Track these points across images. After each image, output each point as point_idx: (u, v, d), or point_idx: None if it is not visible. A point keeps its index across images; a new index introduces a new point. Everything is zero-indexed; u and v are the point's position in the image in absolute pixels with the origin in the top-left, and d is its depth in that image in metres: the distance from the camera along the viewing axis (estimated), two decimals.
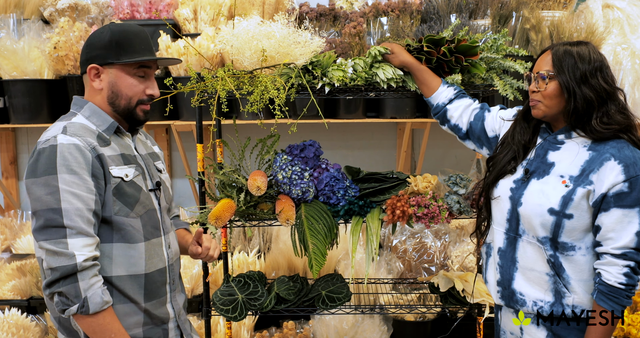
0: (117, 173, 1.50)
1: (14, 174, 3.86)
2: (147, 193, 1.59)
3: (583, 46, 1.61)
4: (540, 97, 1.64)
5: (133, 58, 1.55)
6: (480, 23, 3.14)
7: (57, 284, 1.38)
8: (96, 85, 1.56)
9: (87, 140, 1.46)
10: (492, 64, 2.13)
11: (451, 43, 2.03)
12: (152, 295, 1.58)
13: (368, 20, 3.15)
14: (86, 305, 1.38)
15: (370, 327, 2.95)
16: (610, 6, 3.26)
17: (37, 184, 1.40)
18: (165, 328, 1.63)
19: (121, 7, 3.41)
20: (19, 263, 3.19)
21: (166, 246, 1.66)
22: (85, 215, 1.40)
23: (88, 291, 1.38)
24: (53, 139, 1.43)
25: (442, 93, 1.97)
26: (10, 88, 3.26)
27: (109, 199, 1.48)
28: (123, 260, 1.52)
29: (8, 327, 2.80)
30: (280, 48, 2.08)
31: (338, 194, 2.27)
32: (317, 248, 2.18)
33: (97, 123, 1.55)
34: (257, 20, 2.15)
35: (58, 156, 1.40)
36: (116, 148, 1.55)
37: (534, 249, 1.64)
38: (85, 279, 1.38)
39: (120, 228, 1.51)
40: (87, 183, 1.42)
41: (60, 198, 1.38)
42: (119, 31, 1.55)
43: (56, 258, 1.37)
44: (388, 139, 3.80)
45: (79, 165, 1.42)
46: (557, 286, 1.61)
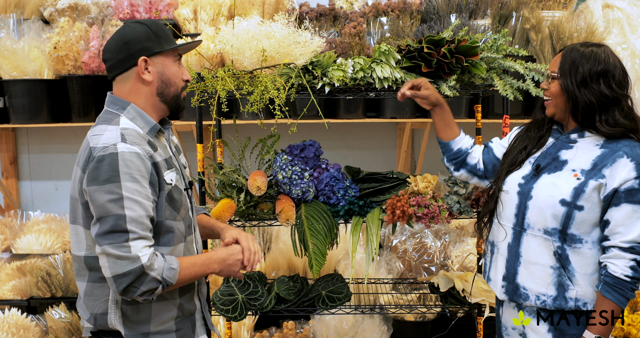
0: (168, 180, 1.55)
1: (14, 174, 3.86)
2: (184, 194, 1.64)
3: (596, 49, 1.64)
4: (549, 95, 1.71)
5: (173, 45, 1.59)
6: (480, 23, 3.14)
7: (134, 288, 1.43)
8: (147, 77, 1.56)
9: (145, 148, 1.50)
10: (492, 64, 2.13)
11: (451, 44, 2.03)
12: (184, 290, 1.64)
13: (368, 20, 3.15)
14: (169, 282, 1.48)
15: (370, 327, 2.95)
16: (610, 6, 3.26)
17: (101, 191, 1.43)
18: (192, 319, 1.69)
19: (121, 7, 3.41)
20: (19, 263, 3.19)
21: (195, 242, 1.72)
22: (146, 222, 1.46)
23: (162, 274, 1.46)
24: (113, 147, 1.45)
25: (464, 139, 1.95)
26: (10, 88, 3.26)
27: (162, 204, 1.53)
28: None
29: (8, 327, 2.80)
30: (280, 48, 2.08)
31: (338, 194, 2.27)
32: (317, 248, 2.18)
33: (141, 125, 1.57)
34: (257, 20, 2.15)
35: (120, 164, 1.44)
36: (161, 153, 1.57)
37: (539, 242, 1.66)
38: (153, 269, 1.45)
39: (168, 231, 1.56)
40: (147, 190, 1.47)
41: (124, 205, 1.42)
42: (150, 23, 1.58)
43: (121, 262, 1.42)
44: (388, 139, 3.80)
45: (140, 173, 1.46)
46: (561, 279, 1.63)
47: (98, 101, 3.27)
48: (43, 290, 3.00)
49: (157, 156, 1.54)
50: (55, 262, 3.06)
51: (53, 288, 3.00)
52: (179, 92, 1.63)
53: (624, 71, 1.64)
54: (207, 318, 1.76)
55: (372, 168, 2.60)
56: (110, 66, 1.58)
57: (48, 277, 3.00)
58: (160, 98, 1.60)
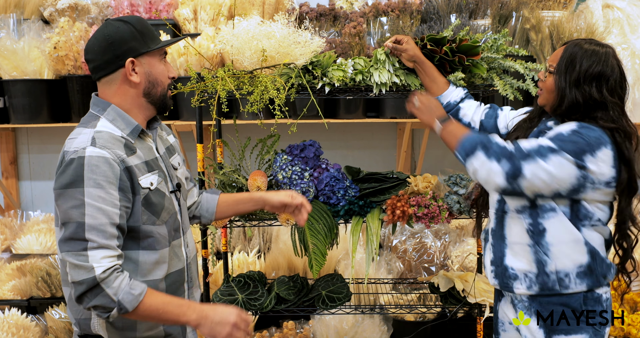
0: (145, 184, 1.49)
1: (14, 174, 3.86)
2: (169, 197, 1.58)
3: (599, 48, 1.63)
4: (542, 86, 1.74)
5: (158, 43, 1.55)
6: (480, 23, 3.14)
7: (87, 299, 1.39)
8: (134, 79, 1.51)
9: (116, 152, 1.44)
10: (492, 64, 2.13)
11: (452, 43, 2.03)
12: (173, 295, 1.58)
13: (368, 20, 3.15)
14: (123, 307, 1.40)
15: (370, 327, 2.95)
16: (610, 6, 3.26)
17: (64, 196, 1.40)
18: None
19: (121, 7, 3.41)
20: (19, 263, 3.19)
21: (185, 246, 1.66)
22: (108, 230, 1.41)
23: (118, 295, 1.39)
24: (82, 151, 1.42)
25: (453, 92, 1.99)
26: (10, 88, 3.26)
27: (138, 209, 1.48)
28: (148, 265, 1.53)
29: (8, 327, 2.80)
30: (280, 48, 2.08)
31: (338, 194, 2.27)
32: (317, 248, 2.18)
33: (122, 127, 1.52)
34: (257, 20, 2.15)
35: (86, 168, 1.40)
36: (141, 155, 1.52)
37: (516, 222, 1.71)
38: (110, 285, 1.39)
39: (147, 236, 1.52)
40: (113, 197, 1.42)
41: (85, 212, 1.38)
42: (135, 22, 1.51)
43: (77, 271, 1.38)
44: (388, 139, 3.79)
45: (107, 179, 1.41)
46: (539, 256, 1.66)
47: None
48: (43, 290, 3.00)
49: (134, 159, 1.49)
50: (55, 262, 3.06)
51: (53, 288, 3.00)
52: (165, 91, 1.59)
53: (622, 77, 1.63)
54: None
55: (372, 168, 2.60)
56: (94, 67, 1.52)
57: (48, 277, 2.99)
58: (147, 99, 1.56)
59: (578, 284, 1.64)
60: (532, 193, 1.60)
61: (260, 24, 2.13)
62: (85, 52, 1.53)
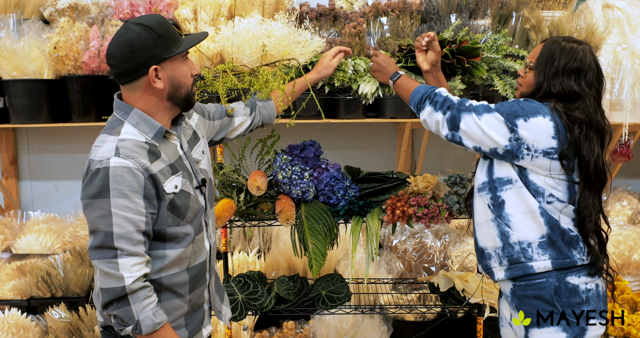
0: (170, 189, 1.53)
1: (14, 175, 3.86)
2: (194, 195, 1.61)
3: (576, 46, 1.70)
4: (521, 81, 1.80)
5: (181, 46, 1.54)
6: (480, 23, 3.14)
7: (112, 306, 1.45)
8: (158, 85, 1.51)
9: (139, 161, 1.47)
10: (492, 64, 2.13)
11: (452, 44, 2.03)
12: (195, 286, 1.65)
13: (368, 20, 3.15)
14: (139, 328, 1.46)
15: (370, 327, 2.95)
16: (610, 6, 3.26)
17: (91, 206, 1.44)
18: (202, 311, 1.71)
19: (121, 7, 3.41)
20: (19, 263, 3.19)
21: (207, 237, 1.71)
22: (135, 237, 1.45)
23: (140, 314, 1.45)
24: (106, 161, 1.44)
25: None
26: (10, 88, 3.26)
27: (163, 214, 1.52)
28: (174, 262, 1.57)
29: (8, 327, 2.80)
30: (281, 47, 2.08)
31: (338, 194, 2.27)
32: (317, 248, 2.18)
33: (145, 131, 1.53)
34: (258, 19, 2.14)
35: (111, 179, 1.43)
36: (165, 159, 1.54)
37: (479, 203, 1.80)
38: (137, 302, 1.45)
39: (173, 237, 1.56)
40: (138, 205, 1.46)
41: (112, 221, 1.42)
42: (156, 26, 1.49)
43: (107, 279, 1.44)
44: (388, 139, 3.80)
45: (131, 188, 1.44)
46: (501, 229, 1.72)
47: (98, 101, 3.27)
48: (43, 290, 3.00)
49: (158, 164, 1.51)
50: (55, 262, 3.06)
51: (53, 288, 3.00)
52: (189, 91, 1.59)
53: (599, 73, 1.70)
54: (214, 306, 1.78)
55: (372, 168, 2.60)
56: (117, 74, 1.53)
57: (48, 277, 3.00)
58: (171, 101, 1.57)
59: (541, 255, 1.68)
60: (473, 146, 1.71)
61: (260, 22, 2.13)
62: (107, 57, 1.52)
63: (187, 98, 1.59)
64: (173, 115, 1.62)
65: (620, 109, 3.03)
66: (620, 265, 2.99)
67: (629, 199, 3.43)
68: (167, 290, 1.57)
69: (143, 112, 1.54)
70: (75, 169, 3.88)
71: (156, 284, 1.55)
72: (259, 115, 1.99)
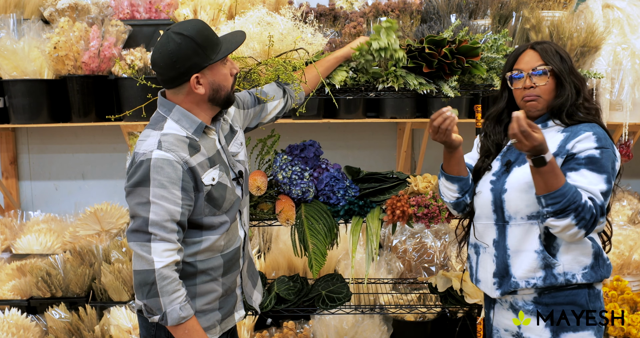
0: (208, 181, 1.63)
1: (14, 174, 3.86)
2: (231, 187, 1.71)
3: (553, 44, 1.73)
4: (538, 92, 1.70)
5: (220, 52, 1.61)
6: (480, 23, 3.14)
7: (142, 294, 1.54)
8: (200, 91, 1.61)
9: (179, 155, 1.57)
10: (492, 64, 2.13)
11: (452, 44, 2.03)
12: (229, 271, 1.75)
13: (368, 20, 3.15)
14: (165, 319, 1.55)
15: (370, 327, 2.95)
16: (610, 6, 3.26)
17: (133, 193, 1.56)
18: (234, 295, 1.81)
19: (121, 7, 3.41)
20: (19, 263, 3.19)
21: (242, 224, 1.81)
22: (169, 226, 1.55)
23: (168, 307, 1.54)
24: (149, 154, 1.56)
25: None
26: (10, 88, 3.26)
27: (201, 204, 1.63)
28: (209, 249, 1.68)
29: (8, 327, 2.80)
30: (284, 41, 2.07)
31: (338, 194, 2.27)
32: (317, 248, 2.18)
33: (187, 126, 1.63)
34: (263, 11, 2.13)
35: (152, 170, 1.54)
36: (204, 152, 1.64)
37: (524, 230, 1.69)
38: (166, 295, 1.53)
39: (210, 226, 1.67)
40: (175, 196, 1.56)
41: (149, 209, 1.53)
42: (195, 34, 1.57)
43: (139, 261, 1.54)
44: (388, 139, 3.79)
45: (170, 180, 1.55)
46: (547, 261, 1.66)
47: (98, 101, 3.27)
48: (43, 290, 3.00)
49: (198, 157, 1.61)
50: (55, 262, 3.06)
51: (53, 288, 3.00)
52: (229, 91, 1.68)
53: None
54: (245, 291, 1.86)
55: (372, 168, 2.60)
56: (162, 80, 1.64)
57: (48, 277, 2.99)
58: (212, 103, 1.66)
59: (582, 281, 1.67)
60: None
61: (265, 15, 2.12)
62: (152, 64, 1.63)
63: (228, 98, 1.69)
64: (213, 113, 1.71)
65: (620, 109, 3.03)
66: (620, 265, 2.99)
67: (629, 199, 3.43)
68: (202, 273, 1.67)
69: (185, 110, 1.64)
70: (75, 169, 3.88)
71: (192, 267, 1.65)
72: (290, 98, 2.04)
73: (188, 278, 1.65)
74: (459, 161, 1.81)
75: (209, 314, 1.71)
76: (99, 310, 2.93)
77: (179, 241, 1.58)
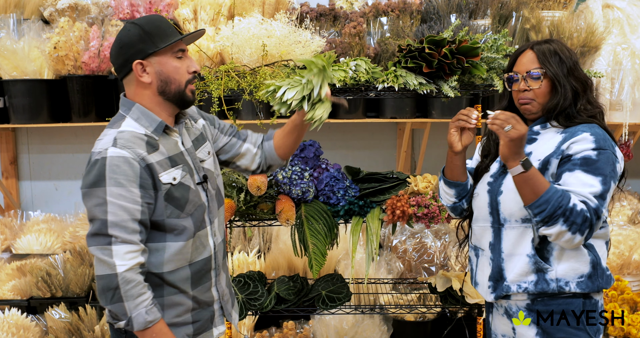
0: (166, 180, 1.56)
1: (14, 174, 3.86)
2: (195, 189, 1.64)
3: (556, 43, 1.68)
4: (533, 96, 1.68)
5: (169, 41, 1.57)
6: (480, 23, 3.14)
7: (105, 299, 1.48)
8: (145, 79, 1.57)
9: (136, 151, 1.51)
10: (492, 64, 2.13)
11: (452, 44, 2.03)
12: (198, 283, 1.66)
13: (368, 20, 3.15)
14: (131, 324, 1.49)
15: (370, 327, 2.95)
16: (610, 6, 3.26)
17: (89, 195, 1.49)
18: (211, 310, 1.72)
19: (121, 7, 3.41)
20: (19, 263, 3.19)
21: (212, 235, 1.71)
22: (130, 226, 1.49)
23: (133, 311, 1.48)
24: (104, 152, 1.49)
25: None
26: (10, 88, 3.26)
27: (161, 204, 1.55)
28: (174, 256, 1.59)
29: (8, 327, 2.80)
30: (281, 47, 2.08)
31: (338, 194, 2.27)
32: (317, 248, 2.18)
33: (146, 124, 1.58)
34: (259, 18, 2.14)
35: (107, 169, 1.48)
36: (164, 151, 1.58)
37: (518, 233, 1.67)
38: (130, 299, 1.47)
39: (172, 229, 1.59)
40: (134, 194, 1.49)
41: (107, 209, 1.47)
42: (145, 22, 1.56)
43: (101, 265, 1.48)
44: (388, 139, 3.79)
45: (127, 177, 1.48)
46: (539, 265, 1.63)
47: (98, 101, 3.27)
48: (43, 290, 3.00)
49: (155, 156, 1.54)
50: (55, 262, 3.06)
51: (53, 288, 3.00)
52: (182, 87, 1.61)
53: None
54: (225, 308, 1.78)
55: (372, 168, 2.60)
56: (115, 70, 1.61)
57: (48, 277, 3.00)
58: (163, 96, 1.60)
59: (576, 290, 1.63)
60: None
61: (260, 22, 2.13)
62: (110, 56, 1.62)
63: (179, 94, 1.61)
64: (172, 112, 1.65)
65: (620, 109, 3.03)
66: (620, 265, 2.99)
67: (629, 199, 3.43)
68: (169, 285, 1.60)
69: (144, 107, 1.59)
70: (75, 169, 3.88)
71: (158, 279, 1.58)
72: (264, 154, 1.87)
73: (155, 290, 1.57)
74: (458, 166, 1.79)
75: (180, 328, 1.63)
76: (99, 310, 2.93)
77: (142, 241, 1.52)
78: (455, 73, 2.07)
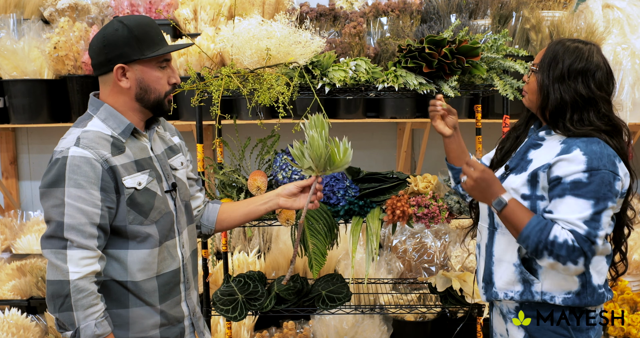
0: (130, 184, 1.48)
1: (14, 174, 3.86)
2: (162, 196, 1.56)
3: (582, 45, 1.59)
4: (527, 89, 1.69)
5: (156, 51, 1.51)
6: (480, 23, 3.14)
7: (53, 305, 1.41)
8: (124, 84, 1.51)
9: (99, 152, 1.44)
10: (492, 64, 2.13)
11: (452, 44, 2.03)
12: (166, 296, 1.57)
13: (368, 20, 3.15)
14: (78, 335, 1.41)
15: (370, 327, 2.95)
16: (610, 6, 3.26)
17: (47, 195, 1.42)
18: (181, 326, 1.63)
19: (121, 7, 3.41)
20: (19, 263, 3.19)
21: (180, 246, 1.63)
22: (87, 230, 1.41)
23: (82, 322, 1.40)
24: (66, 151, 1.43)
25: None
26: (10, 88, 3.26)
27: (123, 209, 1.48)
28: (138, 265, 1.52)
29: (8, 327, 2.80)
30: (281, 47, 2.07)
31: (338, 194, 2.27)
32: (317, 248, 2.18)
33: (114, 126, 1.52)
34: (258, 19, 2.14)
35: (67, 169, 1.41)
36: (130, 155, 1.51)
37: (507, 240, 1.66)
38: (80, 310, 1.39)
39: (135, 236, 1.51)
40: (94, 197, 1.42)
41: (64, 211, 1.40)
42: (135, 25, 1.49)
43: (53, 270, 1.40)
44: (388, 139, 3.80)
45: (87, 179, 1.41)
46: (524, 276, 1.62)
47: None
48: (43, 290, 3.00)
49: (120, 159, 1.48)
50: None
51: None
52: (161, 97, 1.56)
53: (608, 73, 1.58)
54: (197, 325, 1.69)
55: (372, 168, 2.60)
56: (92, 65, 1.55)
57: None
58: (140, 103, 1.55)
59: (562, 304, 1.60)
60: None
61: (260, 23, 2.13)
62: (89, 46, 1.54)
63: (158, 103, 1.57)
64: (144, 117, 1.59)
65: (620, 109, 3.03)
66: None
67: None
68: (135, 296, 1.52)
69: (113, 108, 1.53)
70: None
71: (123, 288, 1.51)
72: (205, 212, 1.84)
73: (120, 300, 1.50)
74: (453, 149, 1.94)
75: None
76: None
77: (100, 248, 1.43)
78: (455, 73, 2.07)
